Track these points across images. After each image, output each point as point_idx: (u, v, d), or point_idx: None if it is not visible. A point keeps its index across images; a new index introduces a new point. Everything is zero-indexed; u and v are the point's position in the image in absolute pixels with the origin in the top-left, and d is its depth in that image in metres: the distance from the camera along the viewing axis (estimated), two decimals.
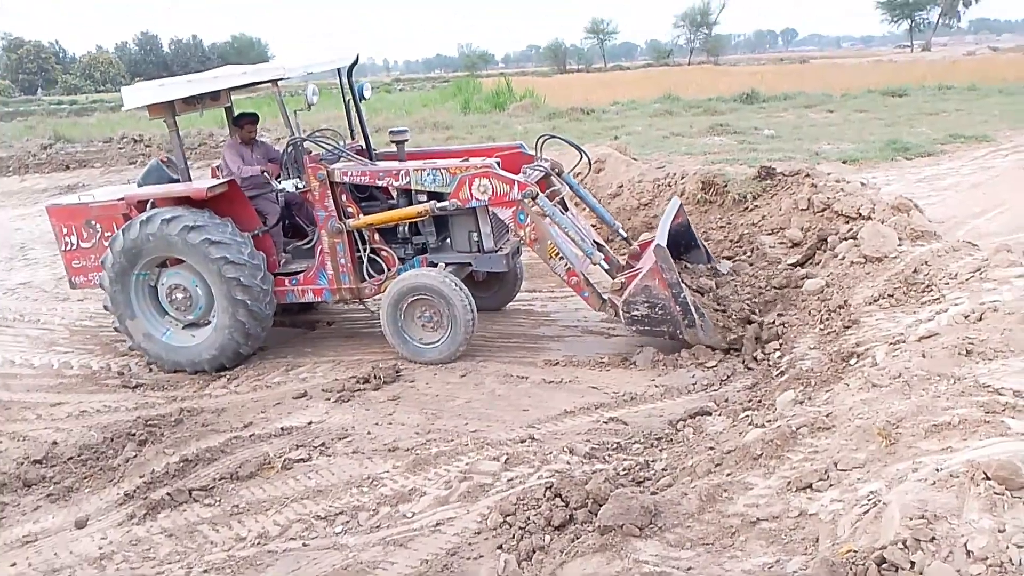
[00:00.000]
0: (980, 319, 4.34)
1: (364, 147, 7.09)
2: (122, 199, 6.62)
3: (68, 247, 6.95)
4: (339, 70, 6.93)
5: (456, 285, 5.94)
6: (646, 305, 5.59)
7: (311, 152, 6.45)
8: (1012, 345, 3.73)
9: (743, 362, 5.54)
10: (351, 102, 7.11)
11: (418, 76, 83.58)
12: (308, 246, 6.64)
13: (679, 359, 5.76)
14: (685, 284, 5.64)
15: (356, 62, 6.98)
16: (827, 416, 3.55)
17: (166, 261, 6.39)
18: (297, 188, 6.22)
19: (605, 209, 7.54)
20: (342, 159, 6.42)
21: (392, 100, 31.86)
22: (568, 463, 4.32)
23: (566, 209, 6.41)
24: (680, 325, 5.58)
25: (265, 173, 6.54)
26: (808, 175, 8.18)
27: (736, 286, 6.43)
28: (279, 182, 6.32)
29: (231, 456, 4.81)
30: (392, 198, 6.49)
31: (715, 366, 5.60)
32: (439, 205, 6.01)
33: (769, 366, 5.36)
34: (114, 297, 6.43)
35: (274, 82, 6.20)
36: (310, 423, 5.24)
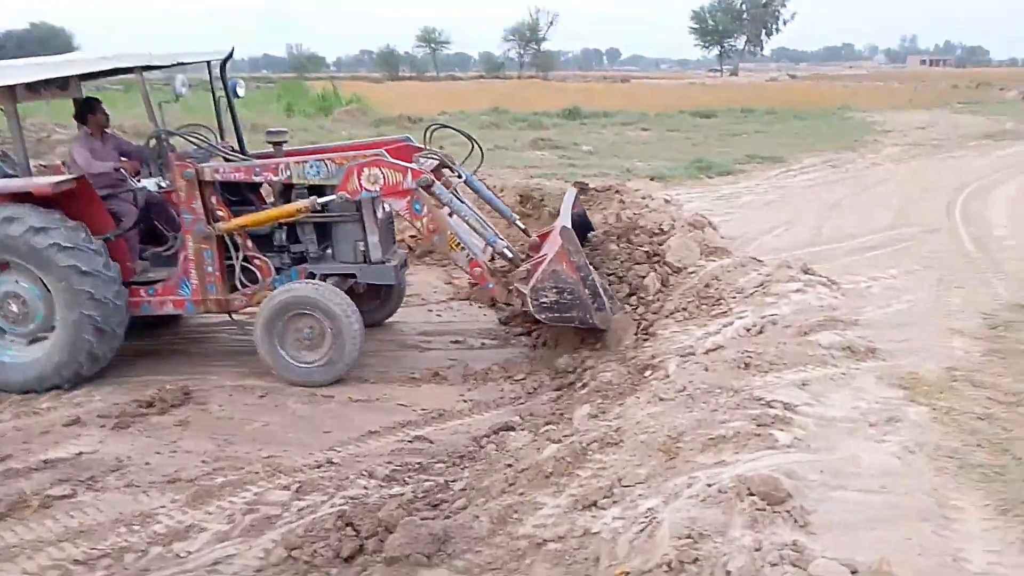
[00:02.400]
0: (760, 332, 4.61)
1: (237, 147, 6.46)
2: None
3: None
4: (210, 64, 6.31)
5: (342, 299, 5.46)
6: (555, 291, 5.25)
7: (176, 149, 5.82)
8: (785, 359, 3.96)
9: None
10: (222, 99, 6.45)
11: (242, 75, 79.92)
12: (169, 252, 5.95)
13: (490, 373, 5.73)
14: (592, 267, 5.43)
15: (231, 56, 6.34)
16: (616, 431, 3.59)
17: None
18: (160, 187, 5.58)
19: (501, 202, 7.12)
20: (214, 157, 5.80)
21: (206, 99, 30.14)
22: (366, 488, 4.11)
23: (461, 201, 6.02)
24: (590, 309, 5.25)
25: (121, 170, 5.84)
26: (618, 191, 8.45)
27: None
28: (138, 180, 5.63)
29: None
30: (267, 204, 5.91)
31: (523, 379, 5.62)
32: (322, 200, 5.49)
33: (574, 378, 5.43)
34: None
35: (139, 69, 5.53)
36: (79, 454, 4.68)
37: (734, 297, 5.37)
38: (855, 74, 66.62)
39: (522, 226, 6.63)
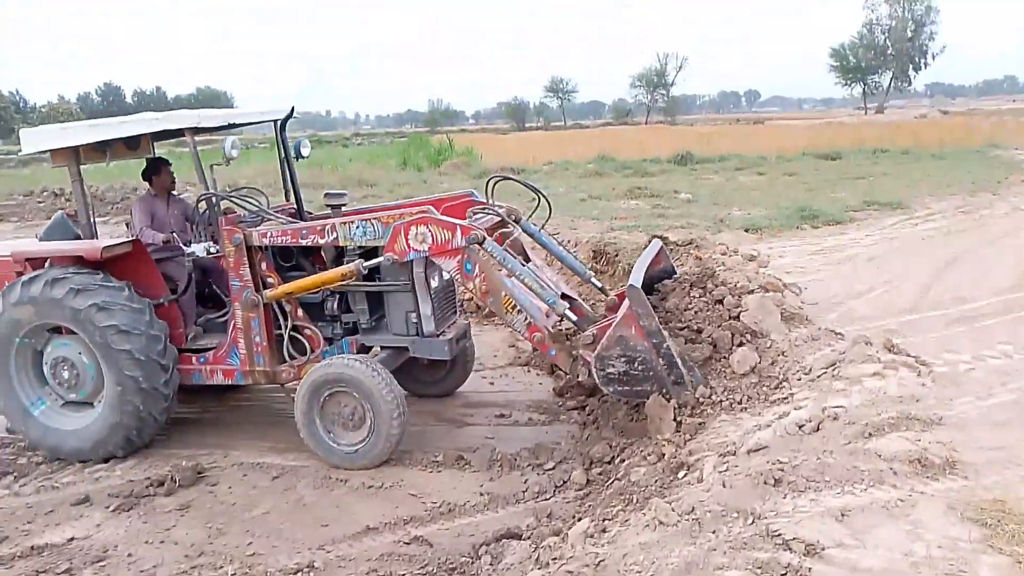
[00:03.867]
0: (817, 429, 3.76)
1: (296, 210, 6.36)
2: (11, 255, 5.79)
3: None
4: (274, 123, 6.22)
5: (383, 377, 5.03)
6: (623, 360, 4.54)
7: (230, 212, 5.69)
8: (828, 474, 3.14)
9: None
10: (285, 160, 6.36)
11: (378, 131, 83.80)
12: (223, 319, 5.79)
13: (518, 459, 5.14)
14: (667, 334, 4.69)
15: (291, 115, 6.24)
16: (598, 565, 2.90)
17: (59, 328, 5.53)
18: (209, 252, 5.46)
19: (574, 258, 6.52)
20: (264, 221, 5.61)
21: (337, 154, 31.47)
22: None
23: (527, 260, 5.55)
24: (666, 382, 4.52)
25: (172, 239, 5.79)
26: (697, 246, 7.69)
27: None
28: (188, 245, 5.55)
29: None
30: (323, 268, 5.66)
31: (552, 468, 4.99)
32: (369, 263, 5.17)
33: (609, 470, 4.73)
34: None
35: (189, 131, 5.42)
36: (71, 540, 4.48)
37: (799, 379, 4.51)
38: (1016, 108, 61.29)
39: (599, 284, 5.95)
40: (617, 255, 8.23)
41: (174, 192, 6.48)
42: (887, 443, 3.38)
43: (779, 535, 2.73)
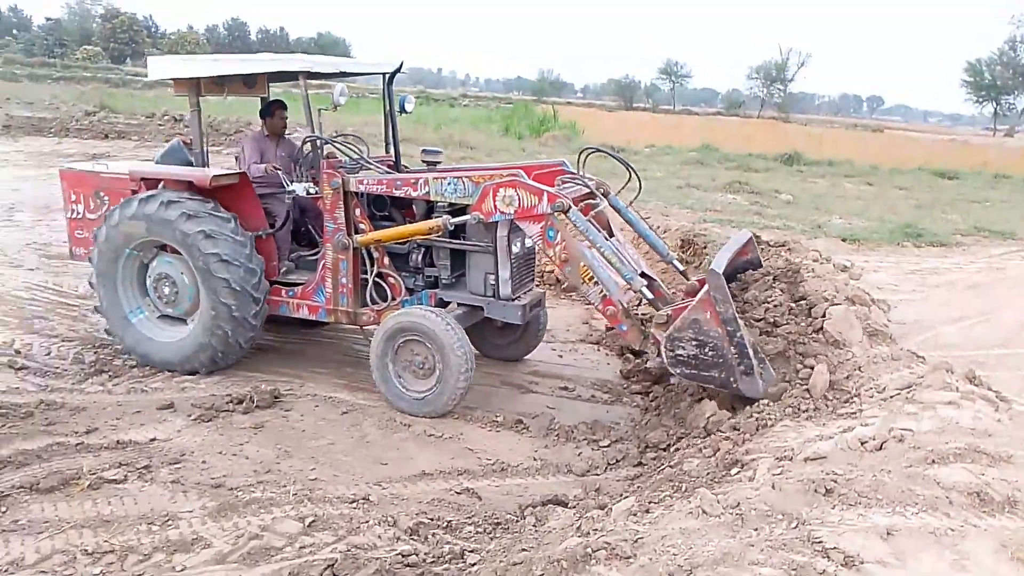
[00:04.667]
0: (880, 448, 3.72)
1: (394, 162, 6.62)
2: (128, 174, 6.26)
3: (74, 215, 6.63)
4: (382, 76, 6.48)
5: (456, 333, 5.21)
6: (694, 344, 4.56)
7: (332, 156, 6.01)
8: (880, 492, 3.11)
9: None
10: (389, 113, 6.62)
11: (485, 94, 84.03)
12: (314, 257, 6.11)
13: (575, 432, 5.24)
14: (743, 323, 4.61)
15: (399, 70, 6.45)
16: (635, 542, 2.98)
17: (165, 246, 5.97)
18: (308, 192, 5.73)
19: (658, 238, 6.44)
20: (363, 168, 5.87)
21: (443, 114, 31.81)
22: (378, 537, 3.81)
23: (611, 235, 5.62)
24: (735, 371, 4.50)
25: (276, 169, 6.07)
26: (790, 249, 7.52)
27: None
28: (290, 183, 5.85)
29: (45, 464, 4.42)
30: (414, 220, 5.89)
31: (608, 446, 5.07)
32: (456, 220, 5.36)
33: (663, 455, 4.78)
34: (101, 275, 6.06)
35: (302, 74, 5.65)
36: (153, 440, 4.84)
37: (871, 396, 4.44)
38: None
39: (681, 267, 5.98)
40: (706, 247, 8.15)
41: (286, 134, 6.77)
42: (949, 472, 3.32)
43: (820, 542, 2.74)
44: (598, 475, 4.70)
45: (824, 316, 5.21)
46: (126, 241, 5.91)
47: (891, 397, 4.32)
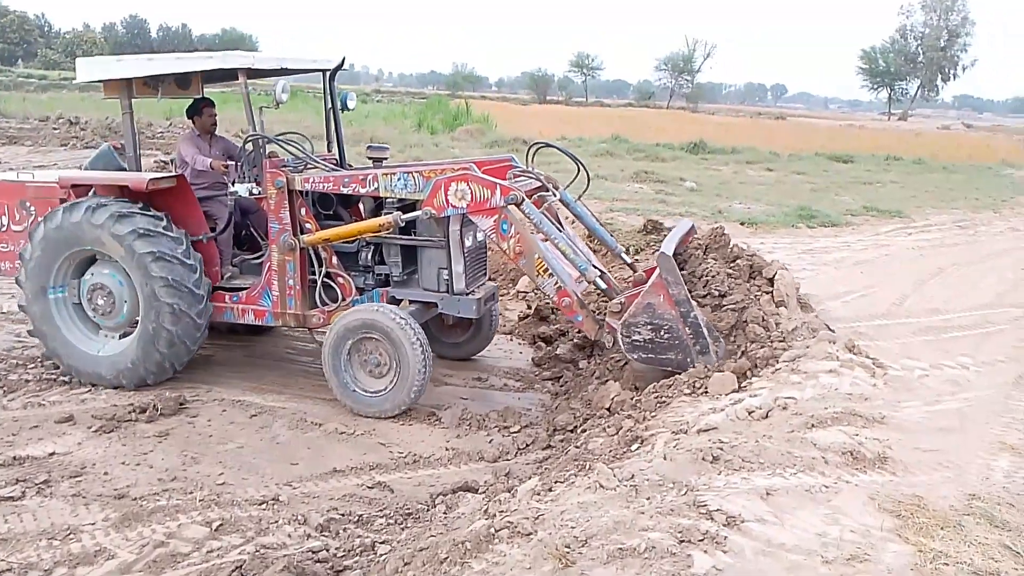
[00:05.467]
0: (766, 416, 3.95)
1: (338, 160, 6.45)
2: (57, 182, 5.91)
3: None
4: (323, 73, 6.30)
5: (412, 328, 5.16)
6: (649, 328, 4.68)
7: (275, 155, 5.83)
8: (763, 456, 3.32)
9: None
10: (331, 110, 6.44)
11: (399, 90, 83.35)
12: (258, 261, 5.93)
13: (486, 420, 5.33)
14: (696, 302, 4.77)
15: (341, 66, 6.26)
16: (536, 519, 3.09)
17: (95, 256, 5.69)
18: (251, 193, 5.55)
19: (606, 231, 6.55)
20: (309, 167, 5.72)
21: (355, 110, 31.35)
22: (288, 536, 3.82)
23: (561, 228, 5.67)
24: (691, 352, 4.65)
25: (223, 165, 5.88)
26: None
27: None
28: (232, 184, 5.67)
29: None
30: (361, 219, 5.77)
31: (518, 431, 5.18)
32: (407, 216, 5.29)
33: (571, 438, 4.93)
34: (32, 294, 5.73)
35: (242, 72, 5.50)
36: (52, 454, 4.70)
37: (760, 369, 4.68)
38: None
39: (628, 259, 6.12)
40: (612, 235, 8.34)
41: (215, 132, 6.59)
42: (826, 435, 3.56)
43: (705, 506, 2.91)
44: (509, 460, 4.81)
45: (774, 277, 5.45)
46: (55, 254, 5.65)
47: (779, 369, 4.57)
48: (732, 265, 5.52)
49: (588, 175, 5.85)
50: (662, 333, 4.69)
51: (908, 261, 8.38)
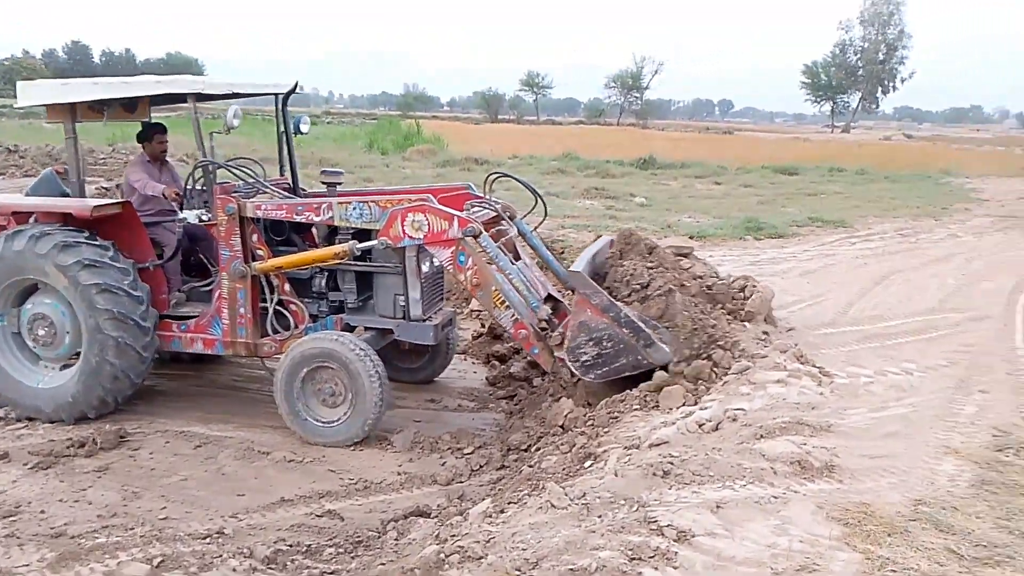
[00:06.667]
0: (716, 429, 3.96)
1: (291, 185, 6.31)
2: None
3: None
4: (275, 97, 6.16)
5: (367, 356, 5.05)
6: (591, 343, 4.65)
7: (226, 182, 5.67)
8: (712, 469, 3.32)
9: None
10: (284, 134, 6.30)
11: (350, 111, 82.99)
12: (207, 288, 5.76)
13: (439, 443, 5.25)
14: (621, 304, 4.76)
15: (294, 90, 6.17)
16: (487, 543, 3.03)
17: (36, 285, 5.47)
18: (201, 220, 5.39)
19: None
20: (260, 193, 5.58)
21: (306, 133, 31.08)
22: (233, 571, 3.69)
23: (518, 258, 5.64)
24: (639, 349, 4.60)
25: (174, 193, 5.73)
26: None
27: None
28: (181, 211, 5.51)
29: None
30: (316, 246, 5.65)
31: (471, 453, 5.12)
32: (362, 245, 5.18)
33: (525, 457, 4.88)
34: None
35: (191, 96, 5.38)
36: None
37: (713, 382, 4.70)
38: (978, 137, 62.80)
39: None
40: (563, 252, 8.38)
41: (166, 159, 6.44)
42: (774, 445, 3.58)
43: (655, 521, 2.89)
44: (462, 483, 4.74)
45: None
46: None
47: (728, 381, 4.60)
48: (649, 258, 5.59)
49: (545, 205, 5.85)
50: (604, 344, 4.67)
51: (853, 270, 8.55)
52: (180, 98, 5.71)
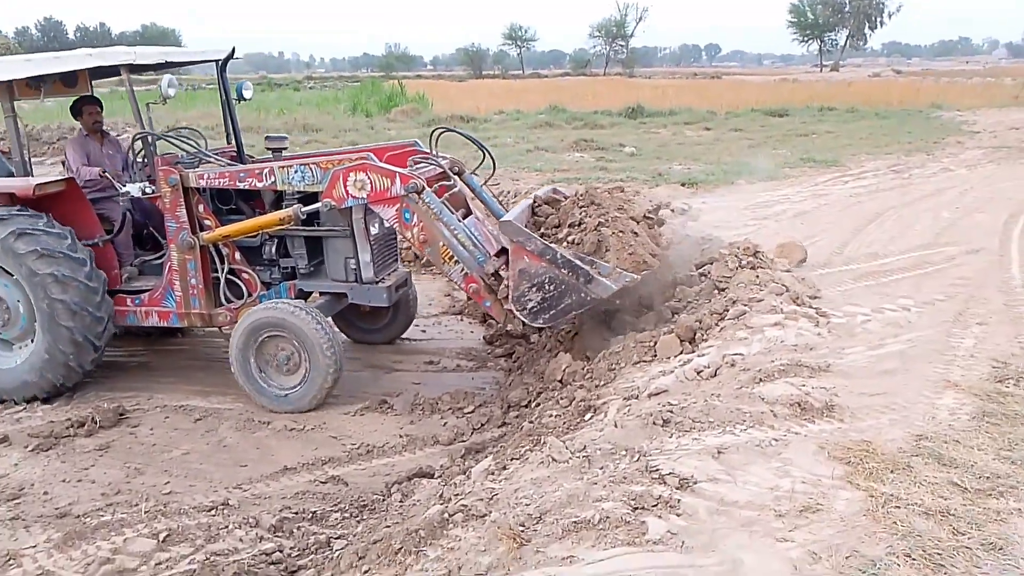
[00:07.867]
0: (715, 375, 3.95)
1: (237, 153, 6.24)
2: None
3: None
4: (215, 64, 6.07)
5: (318, 321, 5.06)
6: (534, 289, 4.62)
7: (166, 153, 5.60)
8: (712, 415, 3.31)
9: None
10: (226, 102, 6.21)
11: (331, 75, 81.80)
12: (159, 261, 5.72)
13: (438, 404, 5.26)
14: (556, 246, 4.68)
15: (231, 57, 6.06)
16: (489, 500, 3.03)
17: None
18: (144, 193, 5.33)
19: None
20: (202, 163, 5.53)
21: (287, 99, 30.72)
22: (240, 541, 3.71)
23: (469, 212, 5.57)
24: (580, 287, 4.54)
25: (106, 175, 5.69)
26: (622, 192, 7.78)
27: None
28: (124, 185, 5.44)
29: None
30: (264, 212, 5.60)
31: (472, 412, 5.13)
32: (307, 208, 5.13)
33: (526, 413, 4.88)
34: None
35: (124, 67, 5.28)
36: None
37: (709, 328, 4.68)
38: (968, 70, 62.15)
39: None
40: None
41: (107, 131, 6.36)
42: (773, 388, 3.57)
43: (657, 470, 2.88)
44: (464, 442, 4.75)
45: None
46: None
47: (726, 325, 4.57)
48: (579, 202, 5.48)
49: (493, 160, 5.77)
50: (547, 287, 4.63)
51: (846, 208, 8.49)
52: (115, 71, 5.59)
